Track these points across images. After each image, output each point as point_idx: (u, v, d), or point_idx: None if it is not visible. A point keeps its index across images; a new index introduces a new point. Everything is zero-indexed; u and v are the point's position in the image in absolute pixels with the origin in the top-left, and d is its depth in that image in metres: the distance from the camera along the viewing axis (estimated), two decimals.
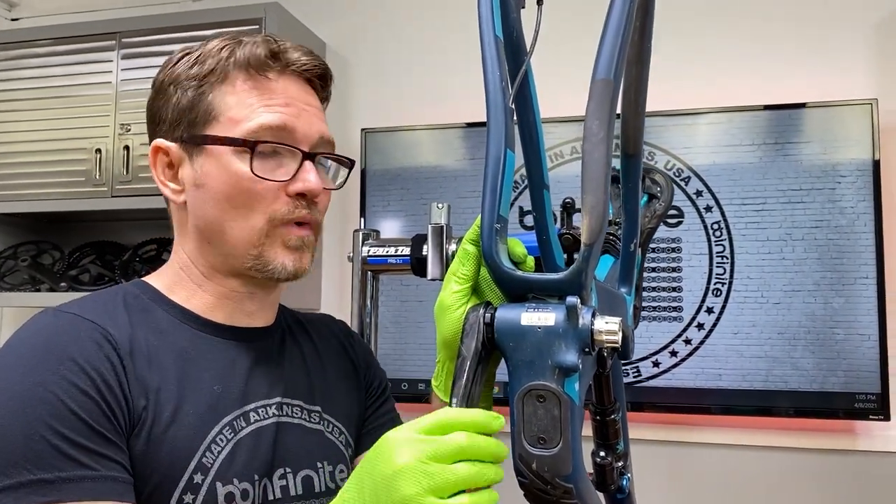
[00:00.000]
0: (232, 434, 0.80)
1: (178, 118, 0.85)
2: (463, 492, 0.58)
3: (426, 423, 0.60)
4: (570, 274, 0.63)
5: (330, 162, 0.92)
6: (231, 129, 0.82)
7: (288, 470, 0.85)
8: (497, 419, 0.61)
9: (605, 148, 0.61)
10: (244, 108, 0.83)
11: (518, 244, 0.75)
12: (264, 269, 0.83)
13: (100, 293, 0.84)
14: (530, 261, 0.75)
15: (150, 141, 0.87)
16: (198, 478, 0.76)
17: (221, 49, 0.85)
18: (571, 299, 0.61)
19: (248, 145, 0.81)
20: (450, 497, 0.57)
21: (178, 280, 0.87)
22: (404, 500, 0.57)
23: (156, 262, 2.35)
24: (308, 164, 0.84)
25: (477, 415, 0.61)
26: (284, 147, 0.83)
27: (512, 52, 0.72)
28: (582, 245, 0.62)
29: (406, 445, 0.59)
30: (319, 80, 0.91)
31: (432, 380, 0.82)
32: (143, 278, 0.89)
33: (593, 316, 0.62)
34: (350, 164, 0.94)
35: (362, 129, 2.36)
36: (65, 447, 0.68)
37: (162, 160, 0.86)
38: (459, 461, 0.58)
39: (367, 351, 1.07)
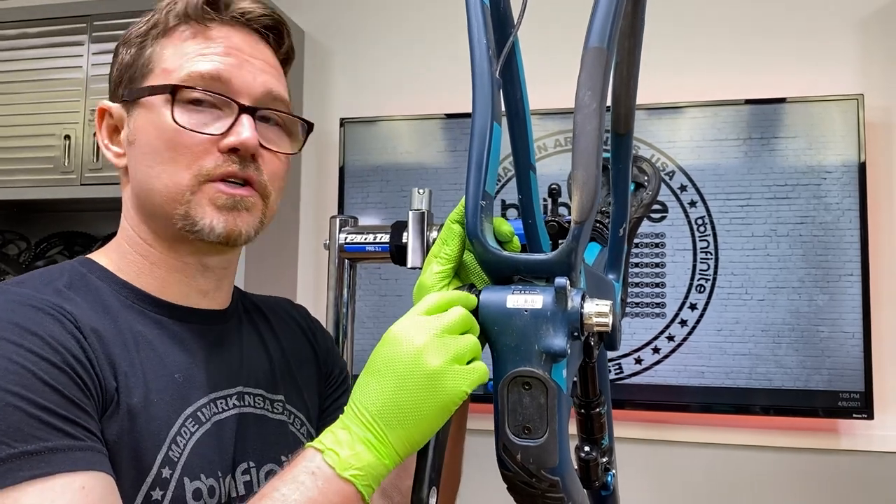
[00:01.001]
0: (195, 426, 0.75)
1: (121, 77, 0.81)
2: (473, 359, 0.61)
3: (426, 306, 0.62)
4: (559, 254, 0.59)
5: (281, 122, 0.84)
6: (163, 80, 0.77)
7: (251, 464, 0.80)
8: (473, 297, 0.63)
9: (597, 120, 0.58)
10: (179, 57, 0.78)
11: (504, 222, 0.71)
12: (192, 228, 0.76)
13: (40, 271, 0.78)
14: (516, 241, 0.71)
15: None
16: (166, 472, 0.70)
17: (167, 3, 0.80)
18: (560, 280, 0.57)
19: (169, 90, 0.76)
20: (467, 364, 0.61)
21: (124, 255, 0.81)
22: (435, 373, 0.59)
23: None
24: (245, 118, 0.76)
25: (462, 292, 0.64)
26: (219, 98, 0.77)
27: (498, 24, 0.68)
28: (572, 223, 0.58)
29: (417, 327, 0.61)
30: (273, 35, 0.84)
31: None
32: (88, 255, 0.83)
33: (583, 299, 0.58)
34: (307, 126, 0.85)
35: (341, 119, 2.31)
36: (46, 416, 0.61)
37: (108, 124, 0.82)
38: (464, 332, 0.61)
39: (327, 337, 1.02)
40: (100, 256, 0.82)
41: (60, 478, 0.59)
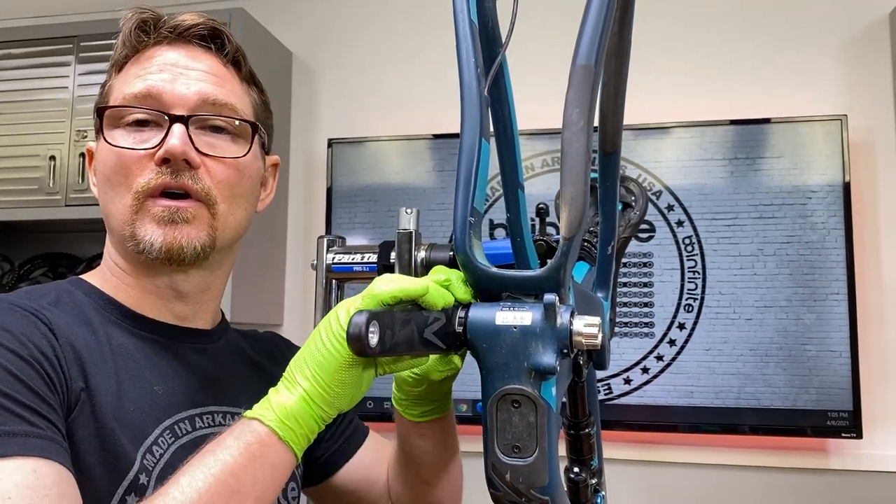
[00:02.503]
0: (173, 439, 0.75)
1: (95, 116, 0.84)
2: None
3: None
4: (547, 270, 0.59)
5: (231, 128, 0.83)
6: None
7: None
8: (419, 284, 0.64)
9: (585, 137, 0.58)
10: (122, 84, 0.80)
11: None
12: (137, 246, 0.77)
13: (31, 287, 0.79)
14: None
15: None
16: (143, 479, 0.70)
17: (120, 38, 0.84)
18: (549, 297, 0.57)
19: (99, 115, 0.79)
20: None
21: (106, 278, 0.82)
22: (324, 320, 0.62)
23: None
24: (176, 127, 0.76)
25: (411, 279, 0.65)
26: (152, 113, 0.78)
27: (486, 44, 0.68)
28: (560, 239, 0.58)
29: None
30: (214, 42, 0.84)
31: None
32: (79, 276, 0.84)
33: (572, 315, 0.58)
34: (252, 126, 0.84)
35: (329, 140, 2.31)
36: (7, 403, 0.61)
37: (94, 163, 0.85)
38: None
39: None
40: (89, 276, 0.83)
41: (13, 460, 0.59)
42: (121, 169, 0.77)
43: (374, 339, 0.56)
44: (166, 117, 0.77)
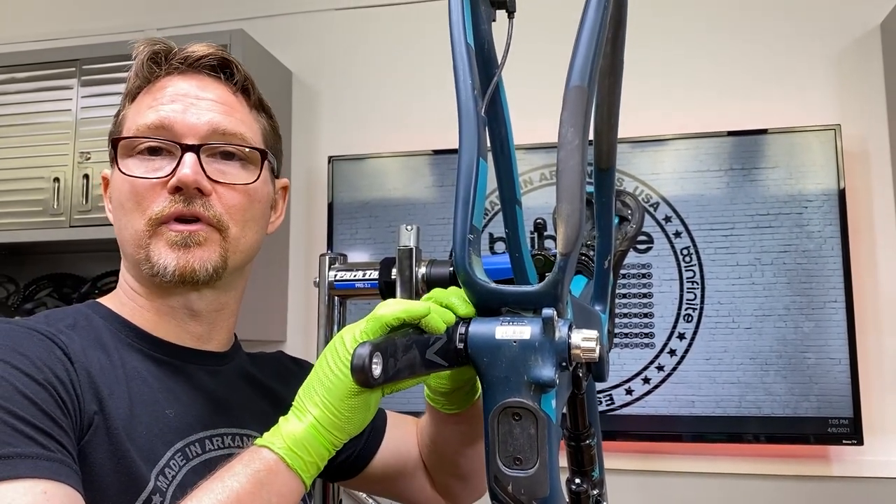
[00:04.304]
0: (184, 461, 0.76)
1: (109, 146, 0.87)
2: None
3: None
4: (545, 285, 0.60)
5: (242, 155, 0.85)
6: None
7: None
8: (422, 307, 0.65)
9: (580, 156, 0.59)
10: (135, 115, 0.83)
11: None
12: (151, 270, 0.80)
13: (50, 311, 0.82)
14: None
15: None
16: (157, 499, 0.72)
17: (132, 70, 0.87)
18: (547, 311, 0.58)
19: (113, 145, 0.82)
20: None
21: (122, 301, 0.85)
22: (329, 347, 0.64)
23: None
24: (188, 156, 0.79)
25: (413, 302, 0.66)
26: (164, 143, 0.81)
27: (483, 64, 0.70)
28: (558, 255, 0.59)
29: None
30: (223, 72, 0.87)
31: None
32: (97, 300, 0.87)
33: (570, 329, 0.59)
34: (261, 153, 0.86)
35: (329, 157, 2.33)
36: (19, 425, 0.63)
37: (109, 190, 0.88)
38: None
39: None
40: (106, 300, 0.86)
41: (25, 482, 0.60)
42: (134, 196, 0.80)
43: (377, 370, 0.58)
44: (178, 147, 0.80)
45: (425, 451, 0.99)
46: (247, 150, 0.84)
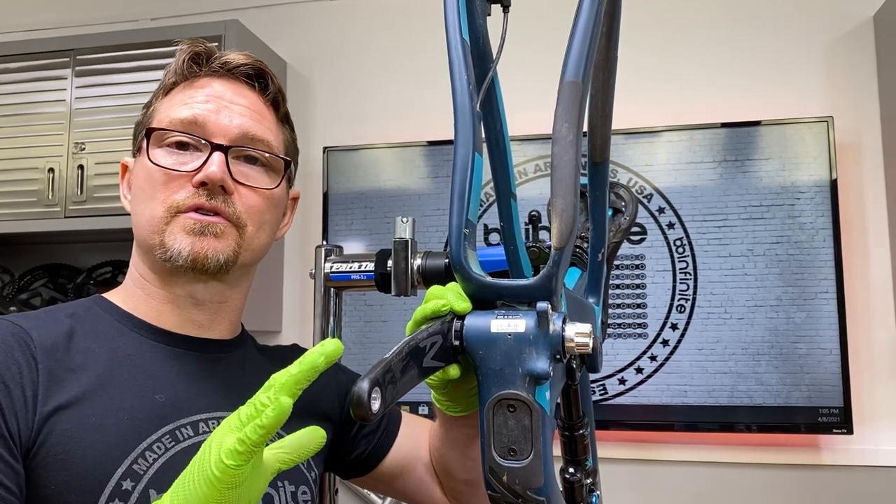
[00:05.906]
0: (172, 443, 0.78)
1: (134, 134, 0.90)
2: None
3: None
4: (540, 279, 0.61)
5: (265, 161, 0.89)
6: None
7: None
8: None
9: (574, 150, 0.60)
10: (168, 109, 0.86)
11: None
12: (165, 254, 0.82)
13: (54, 306, 0.85)
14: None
15: None
16: (127, 484, 0.73)
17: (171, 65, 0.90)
18: (542, 305, 0.59)
19: (146, 134, 0.84)
20: None
21: (128, 291, 0.88)
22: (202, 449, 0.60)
23: (111, 284, 2.29)
24: (216, 155, 0.83)
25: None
26: (195, 139, 0.84)
27: (478, 59, 0.70)
28: (552, 249, 0.60)
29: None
30: (258, 81, 0.91)
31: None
32: (102, 294, 0.89)
33: (564, 322, 0.60)
34: (285, 162, 0.90)
35: (324, 148, 2.34)
36: None
37: (127, 176, 0.91)
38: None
39: (340, 380, 1.04)
40: (110, 294, 0.89)
41: None
42: (157, 184, 0.83)
43: (376, 405, 0.56)
44: (208, 144, 0.83)
45: (435, 454, 1.00)
46: (272, 157, 0.88)
